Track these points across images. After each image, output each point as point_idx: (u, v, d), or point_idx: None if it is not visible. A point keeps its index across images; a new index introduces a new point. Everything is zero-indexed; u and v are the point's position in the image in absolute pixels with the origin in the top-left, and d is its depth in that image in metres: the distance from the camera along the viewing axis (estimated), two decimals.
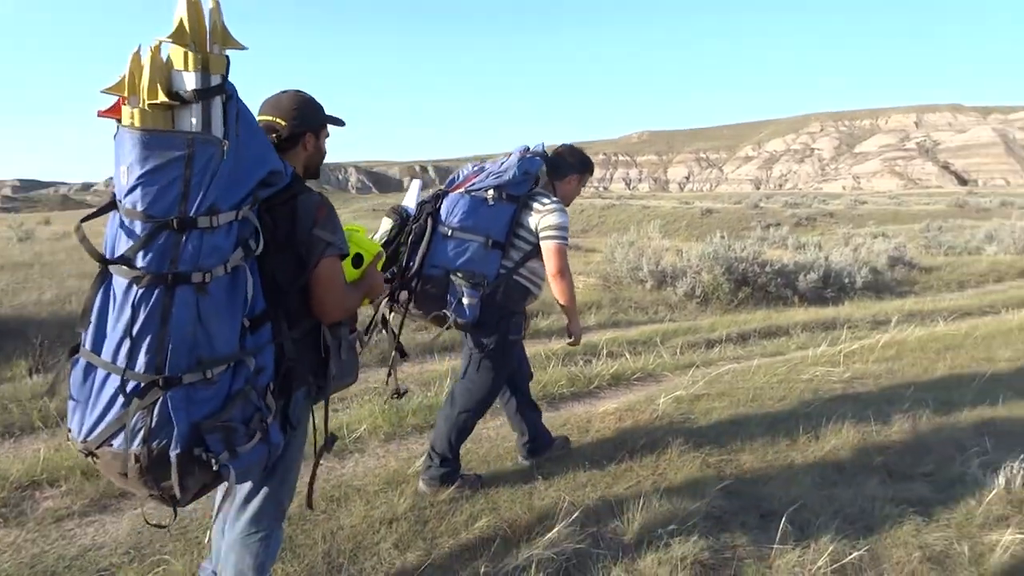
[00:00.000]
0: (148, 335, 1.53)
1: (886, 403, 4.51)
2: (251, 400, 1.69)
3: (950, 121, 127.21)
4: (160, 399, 1.54)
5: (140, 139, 1.51)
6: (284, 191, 1.79)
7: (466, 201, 2.93)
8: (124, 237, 1.55)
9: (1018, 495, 3.20)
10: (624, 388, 5.04)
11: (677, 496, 3.12)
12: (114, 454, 1.56)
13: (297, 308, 1.87)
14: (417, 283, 2.89)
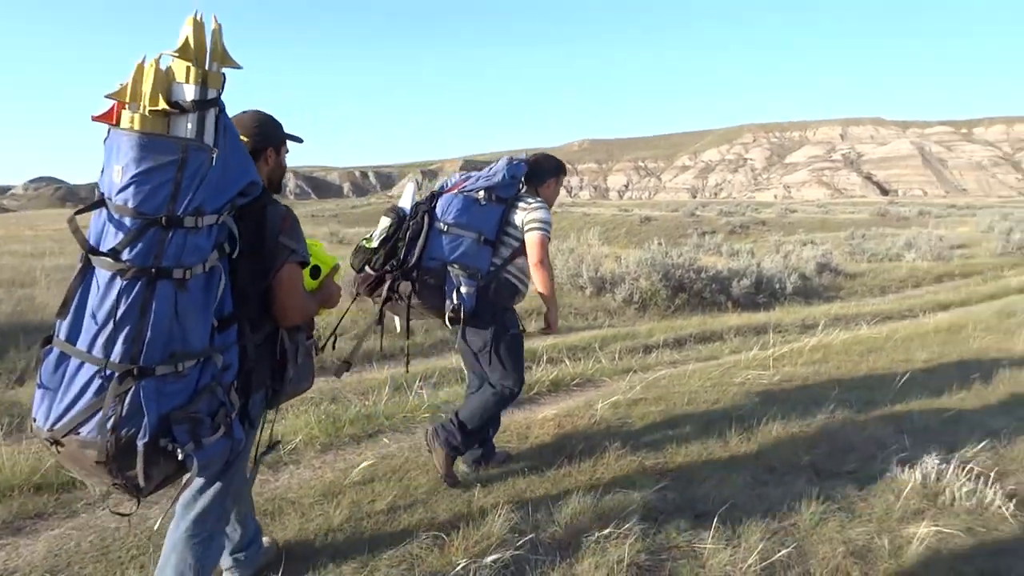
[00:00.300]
0: (127, 325, 1.61)
1: (813, 404, 4.68)
2: (217, 395, 1.78)
3: (872, 134, 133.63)
4: (132, 389, 1.60)
5: (138, 142, 1.62)
6: (255, 203, 1.90)
7: (460, 200, 3.15)
8: (112, 231, 1.64)
9: (933, 489, 3.37)
10: (564, 394, 5.08)
11: (614, 499, 3.16)
12: (81, 442, 1.60)
13: (259, 313, 1.99)
14: (417, 274, 3.07)
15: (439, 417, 3.81)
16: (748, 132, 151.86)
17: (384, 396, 4.63)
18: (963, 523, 3.10)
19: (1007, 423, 4.36)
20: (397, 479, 3.39)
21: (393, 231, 3.15)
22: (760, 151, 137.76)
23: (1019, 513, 3.20)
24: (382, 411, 4.36)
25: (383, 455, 3.76)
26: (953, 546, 2.93)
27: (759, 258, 11.89)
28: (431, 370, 5.44)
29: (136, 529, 2.90)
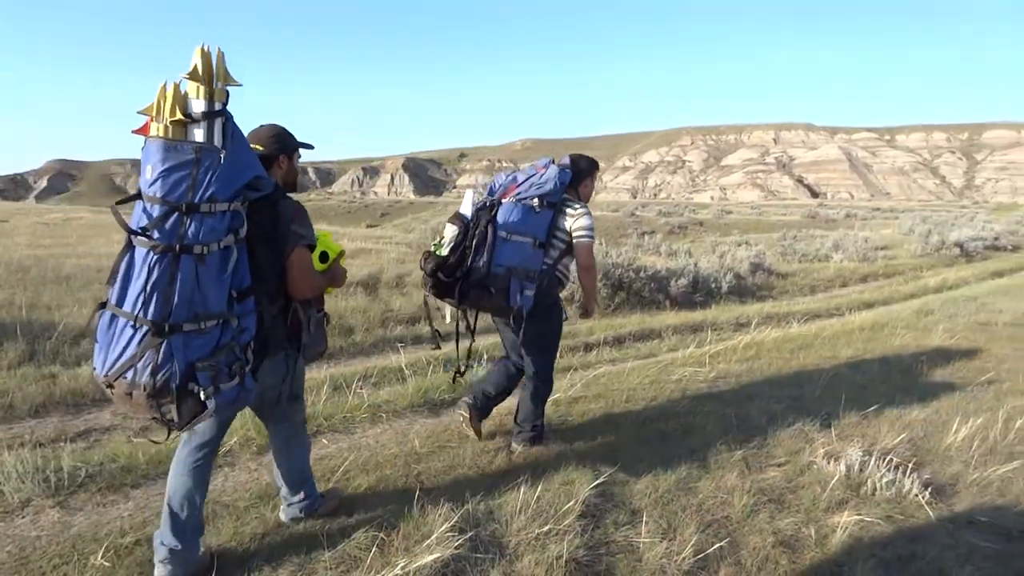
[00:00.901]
0: (159, 291, 2.05)
1: (746, 400, 4.85)
2: (234, 352, 2.21)
3: (803, 139, 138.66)
4: (164, 341, 2.05)
5: (163, 145, 2.10)
6: (268, 197, 2.35)
7: (520, 209, 3.47)
8: (146, 217, 2.10)
9: (856, 480, 3.53)
10: None
11: (554, 497, 3.20)
12: (128, 384, 2.06)
13: (275, 289, 2.45)
14: (487, 280, 3.39)
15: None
16: (686, 135, 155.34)
17: (323, 397, 4.56)
18: (883, 511, 3.26)
19: (924, 416, 4.61)
20: (336, 480, 3.35)
21: (460, 239, 3.45)
22: (698, 153, 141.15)
23: (934, 501, 3.38)
24: (321, 412, 4.29)
25: (321, 456, 3.70)
26: (874, 533, 3.08)
27: (696, 258, 12.19)
28: (371, 369, 5.37)
29: (58, 538, 2.79)
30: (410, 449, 3.81)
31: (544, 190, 3.49)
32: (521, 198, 3.49)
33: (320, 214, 51.48)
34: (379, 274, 9.08)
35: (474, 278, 3.39)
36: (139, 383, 2.04)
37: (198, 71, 2.13)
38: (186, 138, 2.13)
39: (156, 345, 2.04)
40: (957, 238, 17.43)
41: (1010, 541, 3.07)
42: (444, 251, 3.46)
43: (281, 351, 2.56)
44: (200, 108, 2.13)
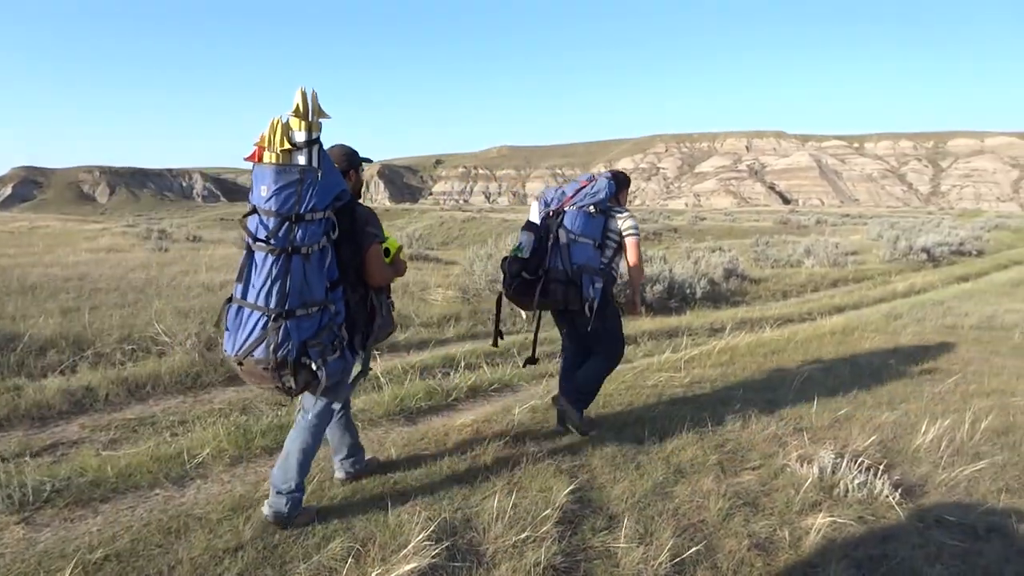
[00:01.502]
0: (276, 284, 2.59)
1: (721, 405, 4.89)
2: (333, 331, 2.79)
3: (775, 146, 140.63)
4: (282, 325, 2.58)
5: (275, 170, 2.61)
6: (348, 205, 2.87)
7: (582, 215, 4.02)
8: (262, 227, 2.63)
9: (829, 483, 3.58)
10: (482, 399, 5.09)
11: (531, 503, 3.20)
12: (255, 360, 2.60)
13: (356, 279, 2.98)
14: (566, 276, 3.92)
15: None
16: (660, 142, 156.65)
17: (296, 404, 4.50)
18: (855, 513, 3.31)
19: (894, 418, 4.69)
20: (311, 491, 3.30)
21: (537, 243, 3.98)
22: (672, 160, 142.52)
23: (904, 501, 3.44)
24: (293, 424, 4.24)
25: None
26: (846, 534, 3.12)
27: (671, 264, 12.25)
28: None
29: (23, 555, 2.72)
30: (386, 457, 3.78)
31: (598, 198, 4.04)
32: (580, 206, 4.04)
33: None
34: None
35: (553, 276, 3.93)
36: (264, 359, 2.59)
37: (299, 108, 2.64)
38: (291, 162, 2.63)
39: (276, 328, 2.58)
40: (924, 243, 17.79)
41: (977, 539, 3.13)
42: (525, 254, 3.96)
43: (361, 331, 3.05)
44: (301, 138, 2.63)
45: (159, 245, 13.89)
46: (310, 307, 2.68)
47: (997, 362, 6.55)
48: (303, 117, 2.64)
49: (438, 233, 32.04)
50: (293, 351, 2.61)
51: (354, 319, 2.97)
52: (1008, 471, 3.93)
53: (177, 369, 5.18)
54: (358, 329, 3.01)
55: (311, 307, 2.68)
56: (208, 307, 7.07)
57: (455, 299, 8.79)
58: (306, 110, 2.66)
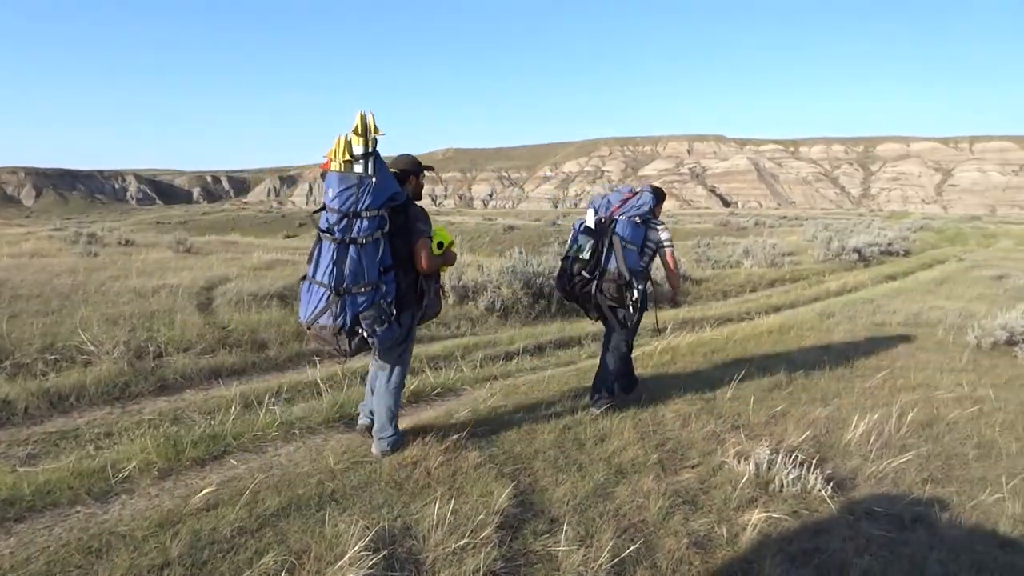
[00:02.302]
0: (337, 267, 3.27)
1: (662, 404, 4.95)
2: (382, 307, 3.40)
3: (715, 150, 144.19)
4: (340, 299, 3.27)
5: (339, 177, 3.28)
6: (403, 205, 3.52)
7: (631, 224, 4.65)
8: (328, 222, 3.32)
9: (765, 478, 3.66)
10: (425, 404, 5.02)
11: (472, 509, 3.16)
12: (319, 326, 3.33)
13: (408, 266, 3.58)
14: (619, 277, 4.54)
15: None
16: (604, 145, 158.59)
17: (232, 414, 4.36)
18: (790, 507, 3.39)
19: (827, 413, 4.84)
20: (245, 503, 3.19)
21: (595, 248, 4.60)
22: (616, 164, 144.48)
23: (836, 495, 3.54)
24: (229, 430, 4.09)
25: (230, 477, 3.53)
26: (781, 529, 3.19)
27: None
28: (285, 385, 5.19)
29: None
30: (324, 466, 3.69)
31: (643, 210, 4.67)
32: (629, 216, 4.65)
33: (234, 225, 49.68)
34: (295, 286, 8.80)
35: (609, 276, 4.57)
36: (327, 325, 3.31)
37: (359, 128, 3.28)
38: (352, 171, 3.29)
39: (336, 301, 3.28)
40: (855, 244, 18.47)
41: (903, 529, 3.25)
42: (586, 255, 4.61)
43: (410, 309, 3.66)
44: (359, 152, 3.28)
45: (88, 249, 13.29)
46: (364, 286, 3.33)
47: (922, 357, 6.83)
48: (361, 135, 3.28)
49: None
50: (347, 321, 3.31)
51: (403, 299, 3.57)
52: (932, 462, 4.10)
53: (104, 379, 4.95)
54: (407, 307, 3.62)
55: (365, 287, 3.33)
56: (139, 313, 6.79)
57: None
58: (364, 129, 3.29)
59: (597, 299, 4.66)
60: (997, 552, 3.10)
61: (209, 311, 7.27)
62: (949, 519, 3.40)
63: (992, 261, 18.57)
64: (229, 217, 57.56)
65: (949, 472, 4.00)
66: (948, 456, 4.22)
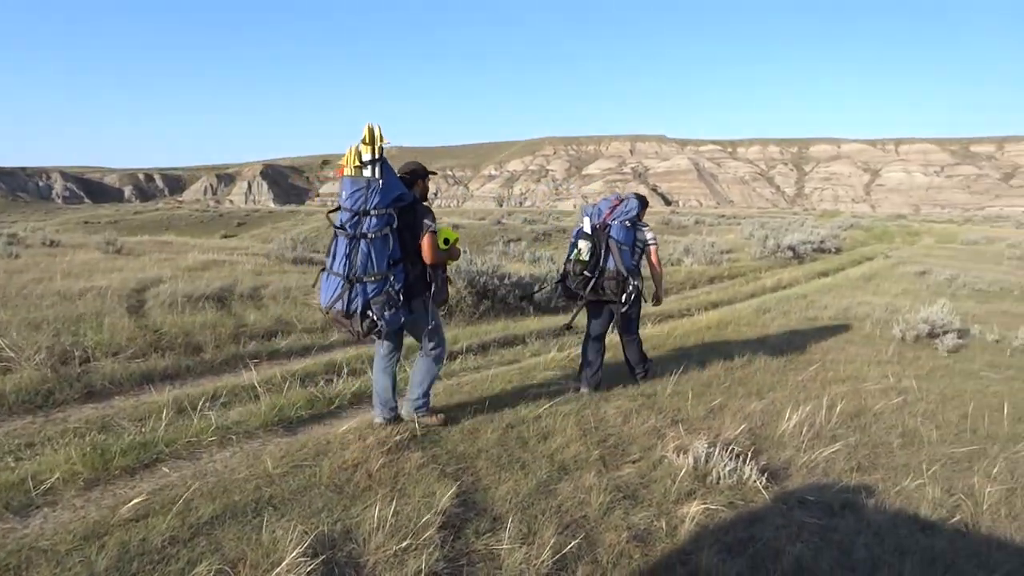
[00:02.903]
0: (349, 259, 3.73)
1: (603, 401, 5.01)
2: (391, 294, 3.83)
3: (657, 150, 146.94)
4: (351, 287, 3.73)
5: (352, 180, 3.74)
6: (410, 204, 3.99)
7: (624, 228, 5.19)
8: (341, 219, 3.81)
9: (703, 471, 3.74)
10: (367, 406, 4.94)
11: (414, 510, 3.14)
12: (335, 311, 3.78)
13: (416, 259, 4.04)
14: (616, 275, 5.12)
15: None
16: (549, 144, 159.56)
17: (164, 421, 4.20)
18: (726, 499, 3.48)
19: (762, 406, 4.98)
20: (177, 511, 3.08)
21: (595, 249, 5.12)
22: (560, 163, 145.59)
23: (770, 485, 3.65)
24: (161, 437, 3.95)
25: (161, 486, 3.40)
26: (718, 520, 3.27)
27: (559, 264, 12.49)
28: (221, 389, 5.03)
29: None
30: (262, 471, 3.60)
31: (631, 215, 5.20)
32: (620, 220, 5.17)
33: (168, 224, 47.98)
34: (232, 287, 8.55)
35: (608, 275, 5.13)
36: (340, 310, 3.76)
37: (366, 139, 3.73)
38: (361, 175, 3.75)
39: (348, 289, 3.74)
40: (790, 242, 19.09)
41: (833, 516, 3.38)
42: (585, 257, 5.09)
43: (421, 296, 4.13)
44: (367, 158, 3.73)
45: (8, 251, 12.60)
46: (373, 276, 3.79)
47: (851, 351, 7.11)
48: (369, 144, 3.74)
49: (327, 235, 30.98)
50: (359, 306, 3.77)
51: (412, 287, 4.05)
52: (860, 451, 4.27)
53: (25, 387, 4.70)
54: (417, 294, 4.10)
55: (374, 276, 3.79)
56: (64, 317, 6.48)
57: None
58: (371, 139, 3.74)
59: (597, 295, 5.19)
60: (919, 535, 3.25)
61: (140, 314, 6.99)
62: (875, 505, 3.55)
63: (916, 258, 19.48)
64: (163, 216, 55.58)
65: (875, 460, 4.17)
66: (875, 445, 4.40)
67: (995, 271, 16.50)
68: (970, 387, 5.90)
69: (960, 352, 7.28)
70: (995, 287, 13.17)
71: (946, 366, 6.68)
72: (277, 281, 9.32)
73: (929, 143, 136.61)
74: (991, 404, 5.37)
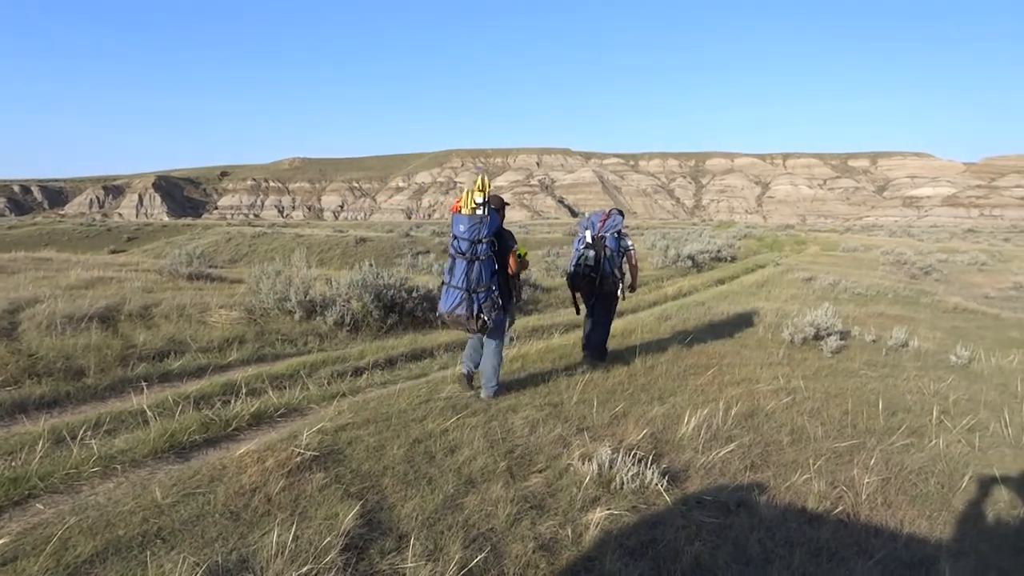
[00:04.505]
0: (466, 275, 4.96)
1: (511, 411, 5.03)
2: (493, 299, 5.04)
3: (562, 163, 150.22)
4: (469, 296, 4.97)
5: (468, 217, 4.98)
6: (499, 231, 5.15)
7: (614, 238, 6.65)
8: (459, 246, 5.01)
9: (607, 477, 3.82)
10: (267, 426, 4.77)
11: (315, 533, 3.03)
12: (456, 315, 5.02)
13: (503, 272, 5.24)
14: (612, 276, 6.60)
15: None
16: (457, 156, 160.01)
17: (39, 452, 3.89)
18: (629, 503, 3.56)
19: (663, 411, 5.15)
20: (52, 551, 2.85)
21: (597, 256, 6.60)
22: (468, 175, 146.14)
23: (671, 487, 3.77)
24: (35, 471, 3.65)
25: (34, 524, 3.14)
26: (622, 525, 3.34)
27: None
28: (106, 415, 4.70)
29: None
30: (150, 501, 3.38)
31: (617, 228, 6.69)
32: (610, 232, 6.66)
33: (48, 240, 44.61)
34: (120, 305, 8.02)
35: (604, 275, 6.60)
36: (461, 314, 4.95)
37: (480, 186, 4.95)
38: (474, 213, 4.94)
39: (467, 298, 4.93)
40: (689, 251, 19.91)
41: (729, 514, 3.52)
42: (592, 263, 6.60)
43: (508, 300, 5.36)
44: (479, 201, 4.95)
45: None
46: (482, 287, 4.98)
47: (746, 354, 7.47)
48: (481, 190, 4.96)
49: (225, 250, 29.75)
50: (475, 310, 4.96)
51: (504, 294, 5.29)
52: (753, 450, 4.48)
53: None
54: (507, 299, 5.36)
55: (483, 287, 4.99)
56: None
57: (240, 320, 8.17)
58: (483, 186, 4.97)
59: (597, 290, 6.62)
60: (806, 527, 3.44)
61: (13, 337, 6.45)
62: (767, 501, 3.73)
63: (803, 265, 20.74)
64: (42, 231, 51.55)
65: (767, 458, 4.39)
66: (767, 443, 4.64)
67: (871, 276, 17.82)
68: (851, 385, 6.33)
69: (842, 352, 7.79)
70: (872, 291, 14.21)
71: (830, 366, 7.13)
72: (171, 298, 8.82)
73: (812, 157, 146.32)
74: (869, 400, 5.78)
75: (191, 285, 11.27)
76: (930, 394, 6.21)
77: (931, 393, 6.24)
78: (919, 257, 23.69)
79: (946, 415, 5.51)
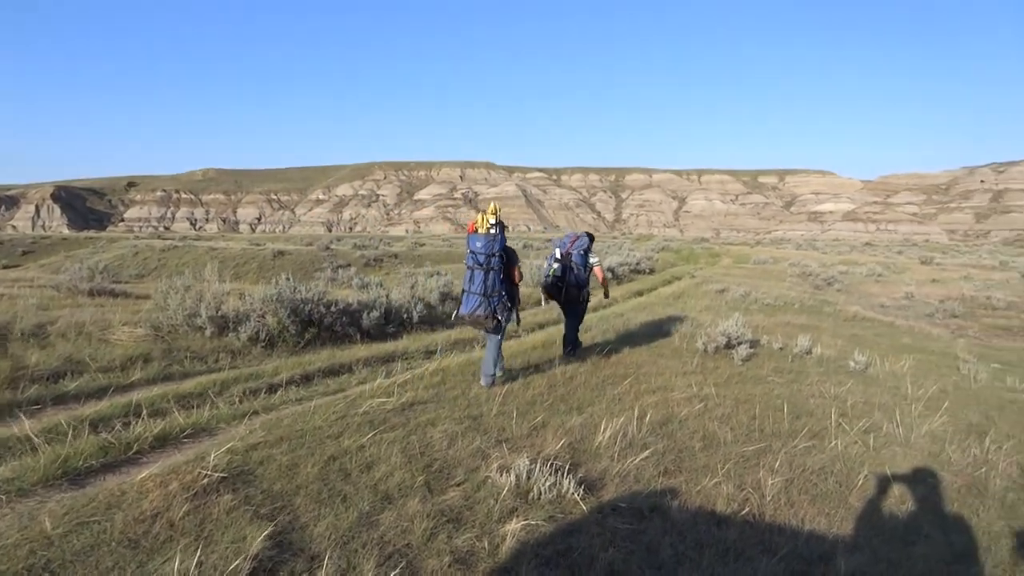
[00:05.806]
0: (484, 283, 6.15)
1: (430, 425, 4.99)
2: (505, 303, 6.28)
3: (486, 176, 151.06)
4: (486, 300, 6.13)
5: (484, 236, 6.18)
6: (505, 246, 6.32)
7: (580, 255, 7.87)
8: (477, 259, 6.18)
9: (524, 488, 3.84)
10: (172, 448, 4.54)
11: (221, 558, 2.91)
12: (476, 315, 6.17)
13: (511, 281, 6.48)
14: (577, 286, 7.83)
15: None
16: (379, 169, 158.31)
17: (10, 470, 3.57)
18: (546, 513, 3.59)
19: (581, 421, 5.22)
20: None
21: (563, 269, 7.84)
22: (391, 187, 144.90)
23: (587, 495, 3.82)
24: None
25: None
26: (538, 534, 3.36)
27: (388, 289, 12.36)
28: None
29: None
30: (38, 533, 3.16)
31: (585, 247, 7.88)
32: (577, 251, 7.84)
33: None
34: (10, 324, 7.49)
35: (570, 285, 7.77)
36: (480, 314, 6.05)
37: (492, 209, 6.22)
38: (488, 232, 6.11)
39: (484, 302, 6.03)
40: (610, 264, 20.37)
41: (643, 520, 3.60)
42: (558, 274, 7.80)
43: (514, 304, 6.41)
44: (493, 222, 6.16)
45: None
46: (495, 292, 6.02)
47: (662, 363, 7.69)
48: (493, 214, 6.11)
49: (132, 264, 28.24)
50: (491, 311, 6.00)
51: (511, 299, 6.31)
52: (667, 456, 4.61)
53: None
54: (515, 303, 6.40)
55: (496, 292, 6.02)
56: None
57: (145, 338, 7.78)
58: (495, 212, 6.15)
59: (565, 297, 7.81)
60: (715, 529, 3.56)
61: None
62: (679, 506, 3.84)
63: (716, 277, 21.56)
64: None
65: (680, 463, 4.52)
66: (680, 450, 4.77)
67: (780, 287, 18.70)
68: (759, 391, 6.61)
69: (752, 360, 8.13)
70: (780, 301, 14.91)
71: (740, 373, 7.43)
72: (69, 315, 8.31)
73: (725, 174, 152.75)
74: (775, 405, 6.05)
75: (92, 301, 10.68)
76: (831, 398, 6.55)
77: (832, 397, 6.59)
78: (822, 269, 25.07)
79: (844, 418, 5.83)
